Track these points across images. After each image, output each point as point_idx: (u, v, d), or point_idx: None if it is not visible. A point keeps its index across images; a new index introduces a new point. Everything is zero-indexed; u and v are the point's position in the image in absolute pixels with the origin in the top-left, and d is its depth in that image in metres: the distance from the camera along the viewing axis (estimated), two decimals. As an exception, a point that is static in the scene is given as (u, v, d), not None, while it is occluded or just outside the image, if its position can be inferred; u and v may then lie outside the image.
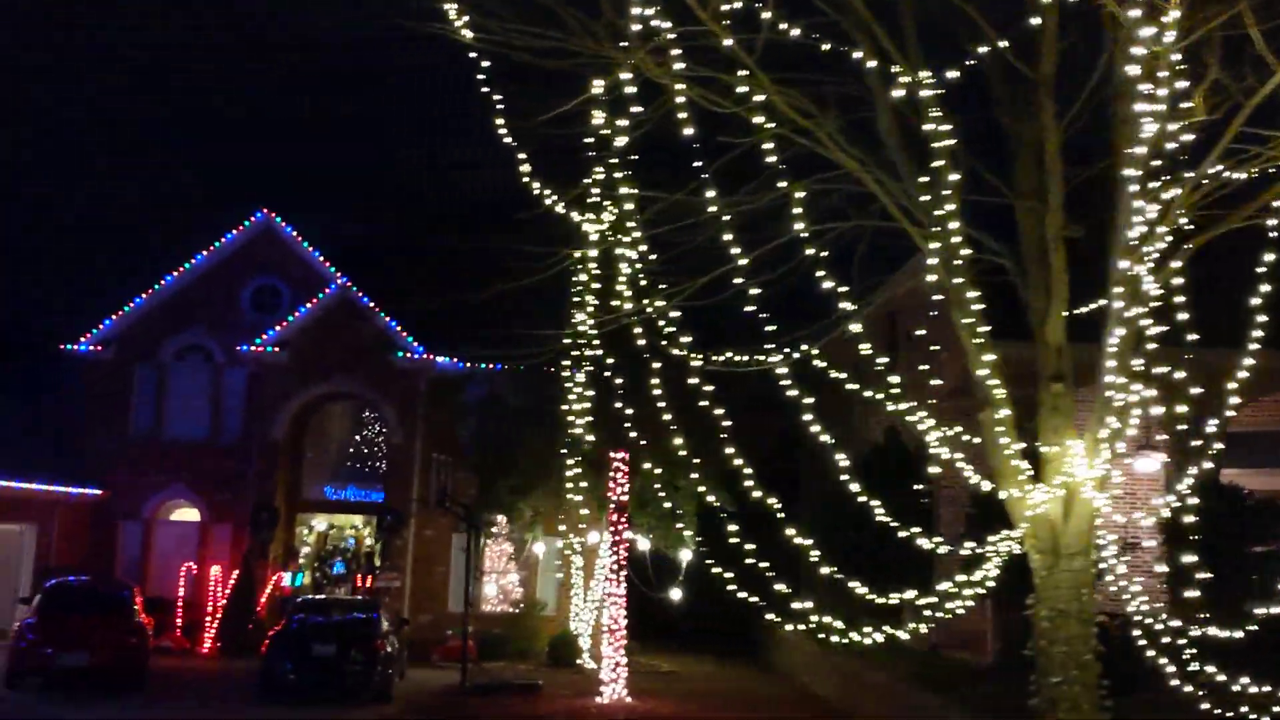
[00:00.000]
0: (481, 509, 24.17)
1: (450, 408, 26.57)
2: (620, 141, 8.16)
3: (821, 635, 12.34)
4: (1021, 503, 8.90)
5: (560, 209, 9.06)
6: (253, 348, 25.16)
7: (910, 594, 11.19)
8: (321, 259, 26.84)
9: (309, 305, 25.54)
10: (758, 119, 8.20)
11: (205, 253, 26.76)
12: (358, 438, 27.61)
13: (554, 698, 18.45)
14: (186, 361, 26.62)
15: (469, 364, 26.16)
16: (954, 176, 8.55)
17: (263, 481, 24.88)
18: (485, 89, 8.20)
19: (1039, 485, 8.83)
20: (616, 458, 18.33)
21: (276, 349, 25.16)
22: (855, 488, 10.51)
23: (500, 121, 8.47)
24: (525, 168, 8.71)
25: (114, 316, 26.33)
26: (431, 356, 25.49)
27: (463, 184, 18.67)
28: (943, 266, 8.81)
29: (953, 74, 8.16)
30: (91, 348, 26.08)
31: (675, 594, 24.81)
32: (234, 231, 26.87)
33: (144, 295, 26.47)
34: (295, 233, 27.01)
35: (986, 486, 9.75)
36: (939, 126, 8.28)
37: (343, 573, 26.17)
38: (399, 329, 25.53)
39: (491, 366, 26.22)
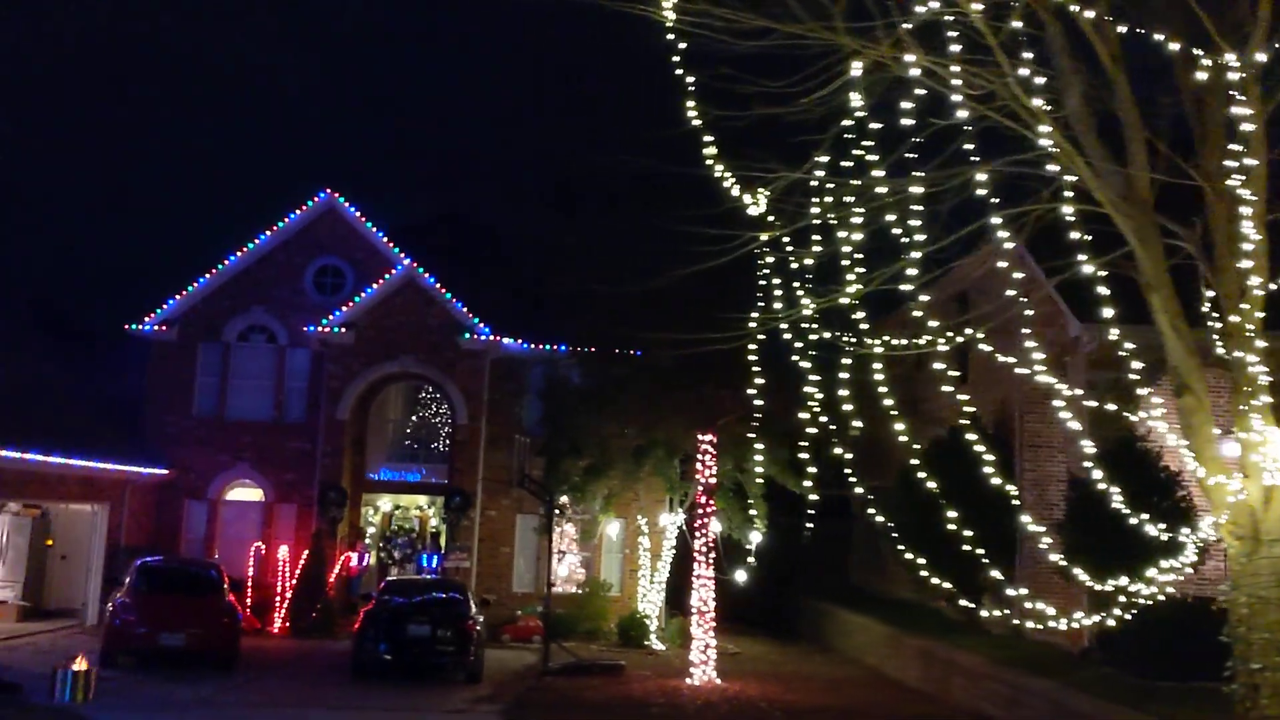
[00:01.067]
0: (551, 490, 24.20)
1: (512, 389, 26.61)
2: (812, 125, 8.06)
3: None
4: (1222, 489, 8.85)
5: (737, 192, 8.96)
6: (319, 328, 25.16)
7: (1123, 580, 11.10)
8: (385, 239, 26.80)
9: (374, 286, 25.51)
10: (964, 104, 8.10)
11: (268, 233, 26.74)
12: (416, 418, 27.63)
13: (641, 679, 18.49)
14: (249, 342, 26.65)
15: (532, 345, 26.17)
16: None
17: (330, 461, 24.92)
18: (679, 70, 8.11)
19: (1239, 472, 8.77)
20: (705, 440, 18.30)
21: (343, 329, 25.16)
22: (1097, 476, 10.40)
23: (690, 104, 8.38)
24: (711, 150, 8.62)
25: (178, 297, 26.35)
26: (497, 338, 25.46)
27: (582, 163, 18.55)
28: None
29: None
30: (156, 328, 26.10)
31: (740, 576, 24.87)
32: (297, 212, 26.84)
33: (208, 275, 26.48)
34: (358, 213, 26.97)
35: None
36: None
37: (409, 553, 26.21)
38: (464, 310, 25.50)
39: (555, 348, 26.26)
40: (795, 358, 11.85)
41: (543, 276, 24.03)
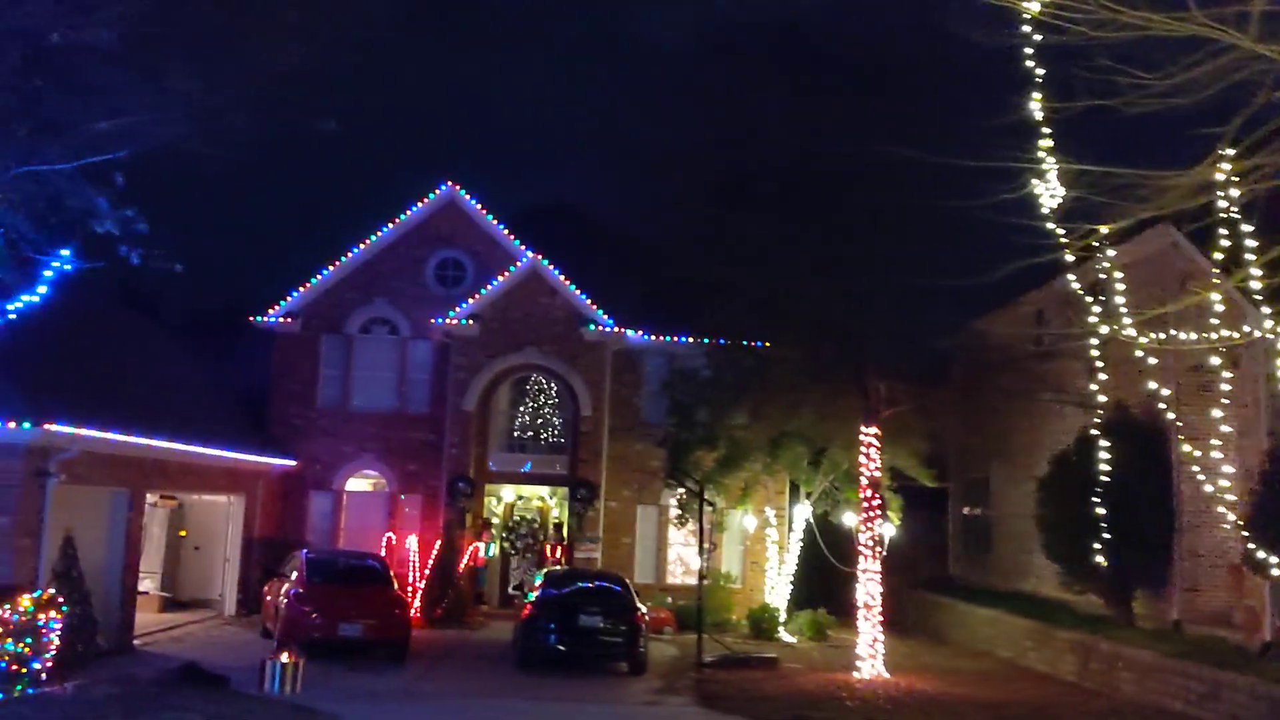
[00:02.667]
0: (674, 481, 24.22)
1: (631, 380, 26.63)
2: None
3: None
4: None
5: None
6: (446, 320, 25.25)
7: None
8: (505, 232, 26.85)
9: (497, 278, 25.57)
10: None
11: (390, 225, 26.86)
12: (521, 409, 27.66)
13: (801, 672, 18.45)
14: (372, 334, 26.80)
15: (653, 337, 26.18)
16: None
17: (457, 452, 25.04)
18: (1030, 63, 8.01)
19: None
20: (869, 433, 18.21)
21: (470, 321, 25.23)
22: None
23: (1037, 96, 8.28)
24: (1047, 143, 8.52)
25: (301, 289, 26.52)
26: (621, 329, 25.47)
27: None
28: None
29: None
30: (280, 320, 26.29)
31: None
32: (419, 204, 26.94)
33: (331, 268, 26.63)
34: (479, 205, 27.03)
35: None
36: None
37: (530, 543, 26.29)
38: (587, 302, 25.52)
39: (675, 339, 26.24)
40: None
41: (680, 269, 23.95)
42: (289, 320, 26.33)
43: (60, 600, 13.42)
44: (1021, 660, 21.64)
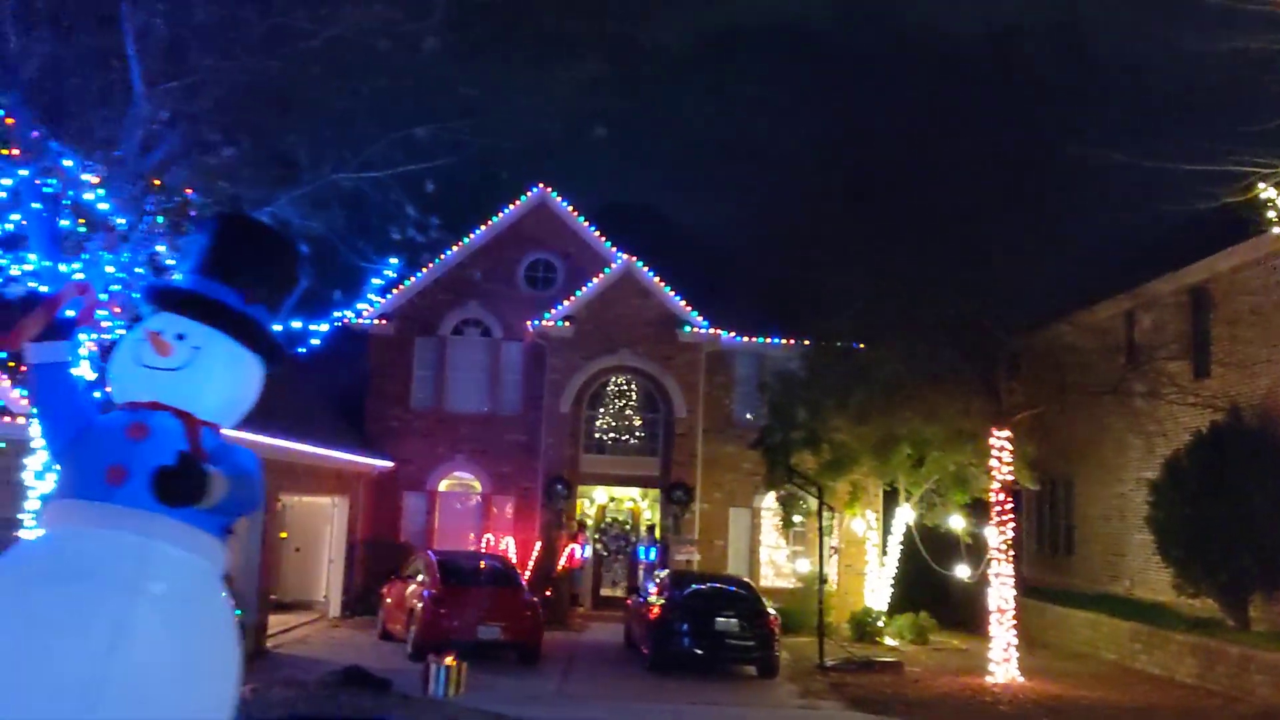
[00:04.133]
0: (785, 484, 24.23)
1: (722, 382, 26.65)
2: None
3: None
4: None
5: None
6: (542, 322, 25.30)
7: None
8: (595, 233, 26.89)
9: (594, 280, 25.61)
10: None
11: (482, 228, 26.92)
12: (626, 410, 27.66)
13: (929, 676, 18.42)
14: (464, 336, 26.88)
15: (745, 338, 26.19)
16: None
17: (553, 454, 25.09)
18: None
19: None
20: (1002, 436, 18.17)
21: (565, 323, 25.28)
22: None
23: None
24: None
25: (395, 291, 26.58)
26: (716, 331, 25.48)
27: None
28: None
29: None
30: (375, 322, 26.37)
31: (963, 572, 24.78)
32: (510, 206, 27.00)
33: (423, 270, 26.70)
34: (570, 207, 27.09)
35: None
36: None
37: (622, 545, 26.34)
38: (681, 303, 25.54)
39: (768, 340, 26.24)
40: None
41: (777, 270, 23.93)
42: (383, 322, 26.41)
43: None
44: (1131, 663, 21.54)
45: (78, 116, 8.23)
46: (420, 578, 18.24)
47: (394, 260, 9.81)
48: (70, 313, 5.79)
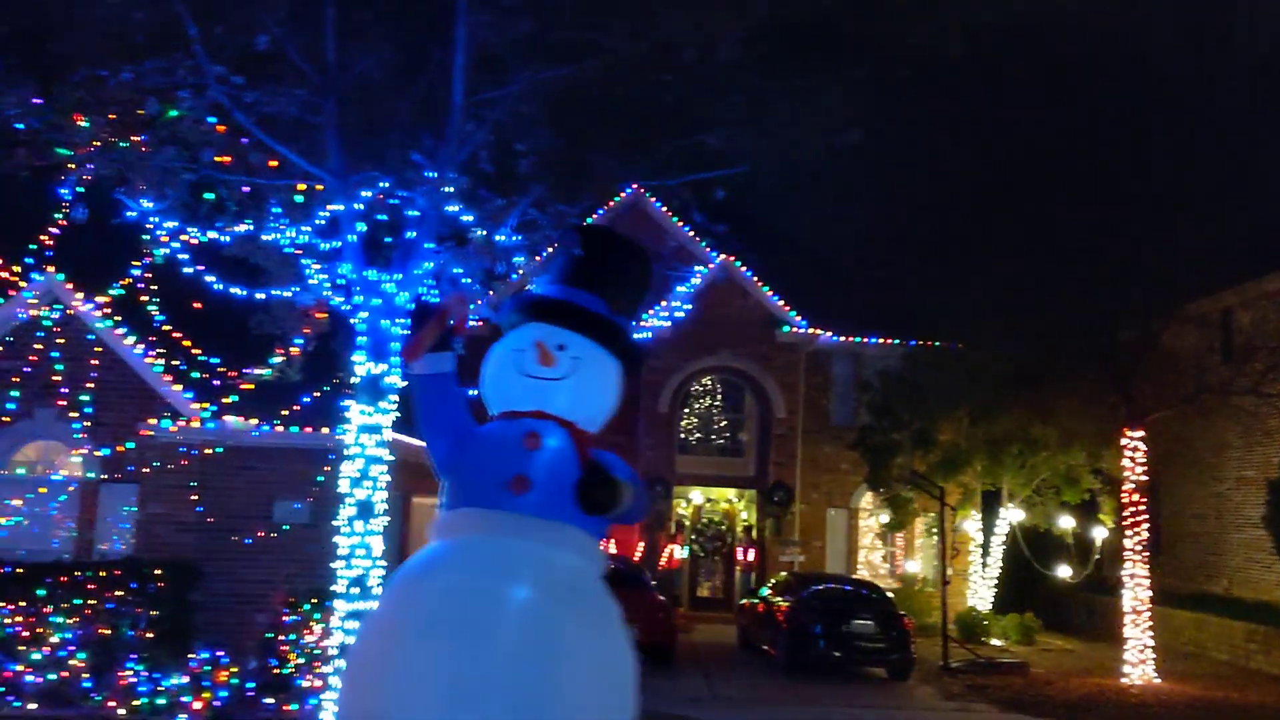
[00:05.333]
0: (875, 483, 24.17)
1: (819, 382, 26.58)
2: None
3: None
4: None
5: None
6: (639, 323, 25.27)
7: None
8: (691, 234, 26.81)
9: (694, 280, 25.56)
10: None
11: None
12: (723, 410, 27.65)
13: (1059, 678, 18.30)
14: (557, 336, 26.84)
15: (843, 338, 26.11)
16: None
17: (652, 454, 25.07)
18: None
19: None
20: (1135, 436, 18.03)
21: (665, 323, 25.24)
22: None
23: None
24: None
25: (490, 292, 26.59)
26: (815, 331, 25.41)
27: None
28: None
29: None
30: (473, 322, 26.36)
31: (1064, 572, 24.63)
32: (604, 208, 26.96)
33: (518, 273, 26.67)
34: (664, 208, 27.02)
35: None
36: None
37: (718, 545, 26.35)
38: (780, 303, 25.48)
39: (865, 340, 26.16)
40: None
41: (878, 270, 23.83)
42: (480, 323, 26.41)
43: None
44: (1248, 663, 21.31)
45: (389, 130, 8.32)
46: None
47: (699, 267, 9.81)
48: (451, 324, 5.83)
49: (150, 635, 11.90)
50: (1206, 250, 17.31)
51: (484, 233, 8.23)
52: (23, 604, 11.82)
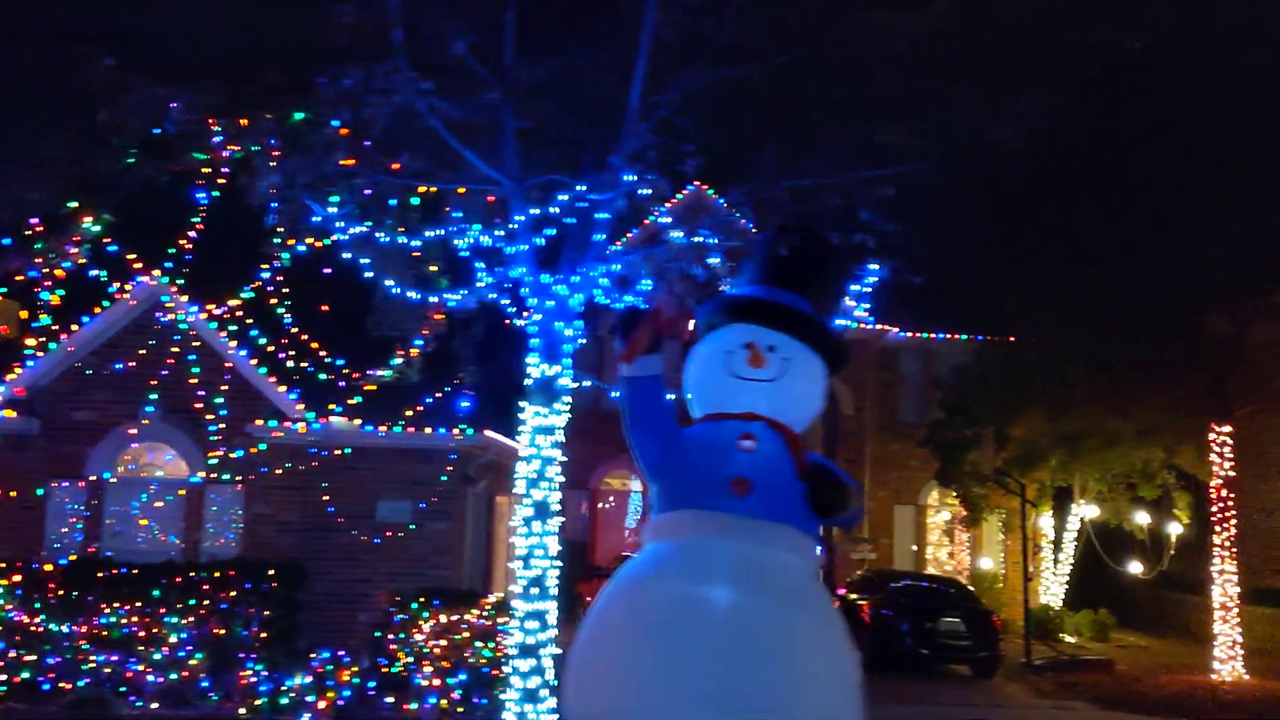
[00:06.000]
0: (946, 479, 24.03)
1: (887, 379, 26.45)
2: None
3: None
4: None
5: None
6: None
7: None
8: (752, 229, 26.74)
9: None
10: None
11: (638, 227, 26.87)
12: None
13: (1146, 674, 18.14)
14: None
15: (909, 334, 25.97)
16: None
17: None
18: None
19: None
20: (1223, 432, 17.82)
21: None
22: None
23: None
24: None
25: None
26: (883, 327, 25.26)
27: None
28: None
29: None
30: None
31: (1136, 568, 24.42)
32: (665, 205, 26.89)
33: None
34: (725, 203, 26.96)
35: None
36: None
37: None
38: (848, 300, 25.32)
39: (932, 336, 26.00)
40: None
41: (946, 263, 23.59)
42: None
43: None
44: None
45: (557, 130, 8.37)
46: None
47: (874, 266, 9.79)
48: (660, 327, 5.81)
49: (264, 635, 11.99)
50: None
51: (681, 233, 8.20)
52: (139, 604, 11.93)
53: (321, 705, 10.92)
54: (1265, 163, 16.75)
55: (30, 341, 12.40)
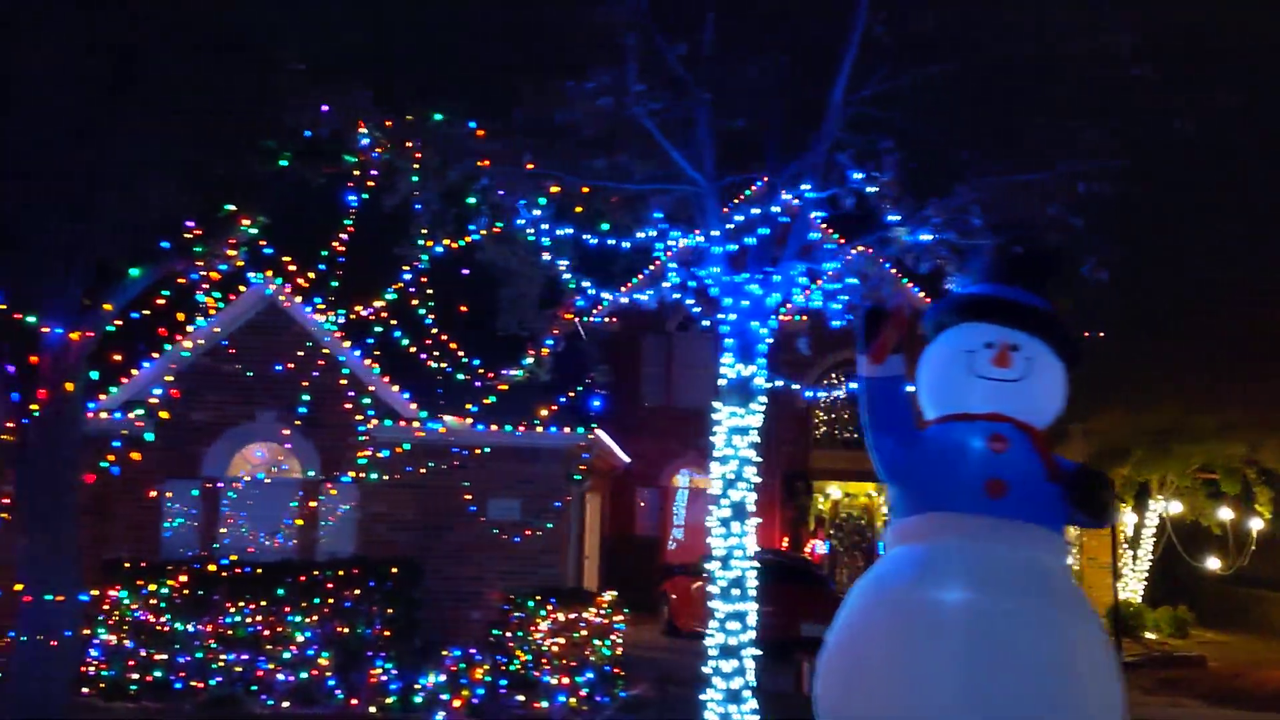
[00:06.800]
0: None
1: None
2: None
3: None
4: None
5: None
6: (780, 317, 25.12)
7: None
8: (823, 225, 26.64)
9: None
10: None
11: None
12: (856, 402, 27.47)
13: (1242, 671, 17.94)
14: (689, 332, 26.85)
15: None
16: None
17: (792, 449, 25.00)
18: None
19: None
20: (1324, 426, 17.59)
21: (803, 317, 25.06)
22: None
23: None
24: None
25: (623, 289, 26.63)
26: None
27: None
28: None
29: None
30: (604, 320, 26.46)
31: (1214, 564, 24.20)
32: (735, 201, 26.86)
33: (651, 267, 26.70)
34: (795, 200, 26.89)
35: None
36: None
37: (857, 540, 26.23)
38: (920, 294, 25.20)
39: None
40: None
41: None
42: (612, 320, 26.50)
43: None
44: None
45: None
46: (722, 575, 18.23)
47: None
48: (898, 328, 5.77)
49: (387, 633, 12.04)
50: None
51: (906, 231, 8.19)
52: (263, 603, 12.02)
53: (456, 704, 10.95)
54: None
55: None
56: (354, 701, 11.54)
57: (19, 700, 8.51)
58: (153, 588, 11.98)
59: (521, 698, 11.49)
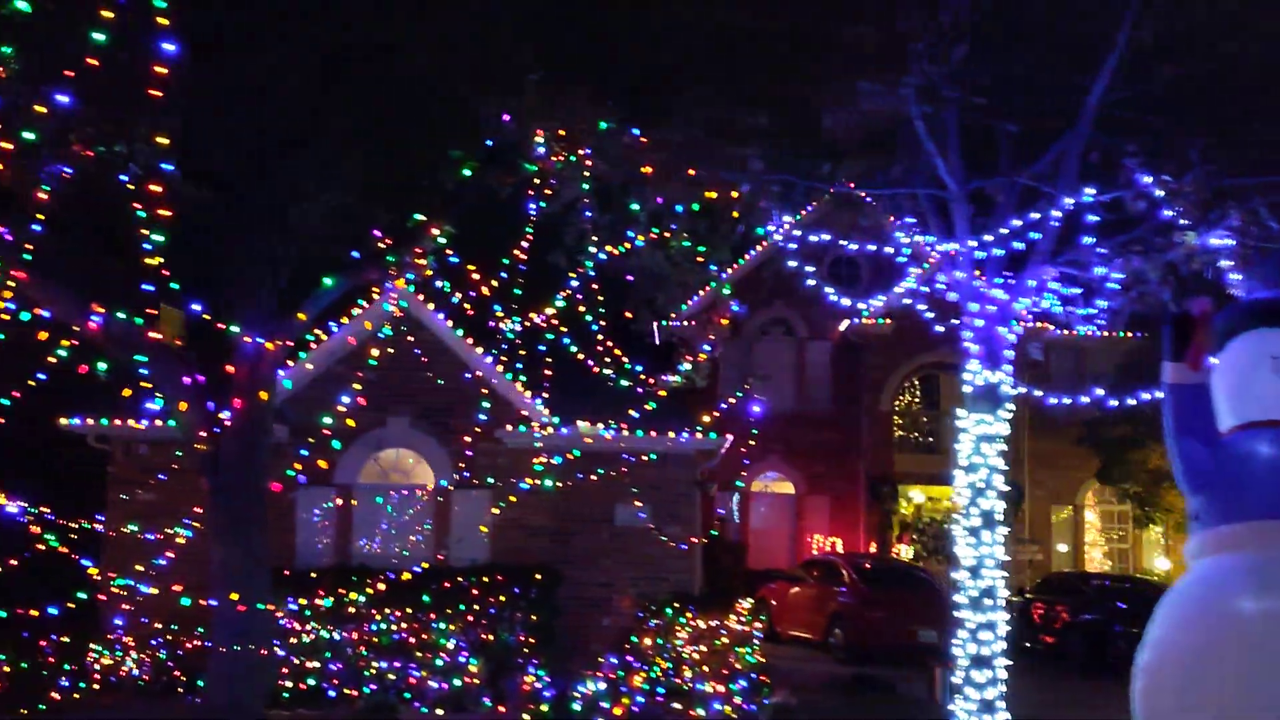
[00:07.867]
0: (1111, 479, 23.75)
1: (1041, 375, 26.05)
2: None
3: None
4: None
5: None
6: (861, 320, 25.04)
7: None
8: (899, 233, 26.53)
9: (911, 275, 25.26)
10: None
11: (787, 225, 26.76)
12: (941, 407, 27.29)
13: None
14: (770, 335, 26.80)
15: (1064, 332, 25.55)
16: None
17: (874, 454, 24.86)
18: None
19: None
20: None
21: (887, 320, 24.98)
22: None
23: None
24: None
25: (701, 293, 26.59)
26: (1042, 325, 24.86)
27: None
28: None
29: None
30: (683, 323, 26.42)
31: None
32: (811, 204, 26.75)
33: (729, 270, 26.65)
34: (872, 203, 26.76)
35: None
36: None
37: (939, 544, 26.00)
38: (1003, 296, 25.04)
39: (1089, 334, 25.57)
40: None
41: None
42: (690, 324, 26.45)
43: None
44: None
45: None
46: (832, 581, 18.16)
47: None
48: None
49: (533, 640, 12.03)
50: None
51: (1194, 234, 8.08)
52: (407, 610, 12.03)
53: (617, 711, 10.93)
54: None
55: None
56: (501, 708, 11.53)
57: (216, 710, 8.52)
58: (293, 594, 12.01)
59: (678, 705, 11.45)
